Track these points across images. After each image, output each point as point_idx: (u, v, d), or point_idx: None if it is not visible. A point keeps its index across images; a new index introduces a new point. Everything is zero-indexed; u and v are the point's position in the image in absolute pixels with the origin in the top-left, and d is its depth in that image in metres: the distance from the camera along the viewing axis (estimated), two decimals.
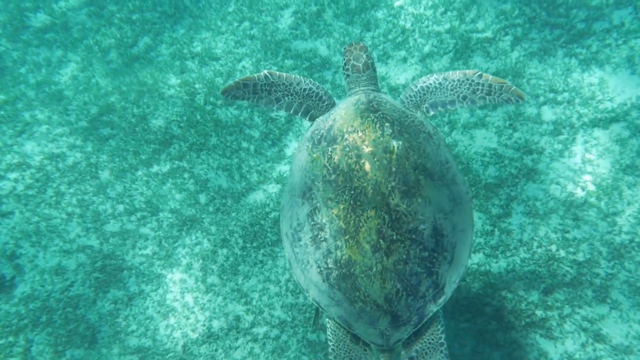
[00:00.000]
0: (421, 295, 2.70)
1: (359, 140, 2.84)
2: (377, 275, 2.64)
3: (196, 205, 5.64)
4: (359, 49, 3.47)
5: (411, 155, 2.82)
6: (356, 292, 2.68)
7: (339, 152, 2.84)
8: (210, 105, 6.26)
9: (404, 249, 2.66)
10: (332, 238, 2.73)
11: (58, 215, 5.51)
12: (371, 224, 2.66)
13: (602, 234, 4.68)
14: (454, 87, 3.38)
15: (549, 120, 5.47)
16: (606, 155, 5.11)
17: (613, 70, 5.55)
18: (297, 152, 3.23)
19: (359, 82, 3.44)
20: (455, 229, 2.82)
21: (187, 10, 7.12)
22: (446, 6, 6.51)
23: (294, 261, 2.96)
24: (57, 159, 5.86)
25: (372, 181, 2.72)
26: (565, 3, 6.05)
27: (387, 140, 2.83)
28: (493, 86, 3.33)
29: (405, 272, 2.65)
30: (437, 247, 2.73)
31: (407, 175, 2.76)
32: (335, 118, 3.05)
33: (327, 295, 2.78)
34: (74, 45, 6.82)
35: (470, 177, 5.34)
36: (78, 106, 6.29)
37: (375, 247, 2.65)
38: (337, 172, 2.80)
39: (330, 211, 2.75)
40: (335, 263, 2.72)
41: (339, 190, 2.76)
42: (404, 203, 2.70)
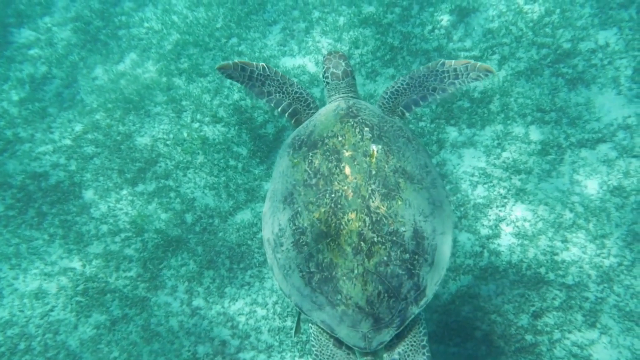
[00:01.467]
0: (403, 297, 2.71)
1: (339, 144, 2.88)
2: (359, 278, 2.65)
3: (182, 225, 5.54)
4: (338, 57, 3.53)
5: (390, 159, 2.86)
6: (338, 295, 2.69)
7: (319, 156, 2.88)
8: (198, 123, 6.19)
9: (385, 251, 2.68)
10: (314, 242, 2.75)
11: (39, 236, 5.37)
12: (352, 226, 2.68)
13: (591, 257, 4.67)
14: (422, 82, 3.44)
15: (536, 140, 5.48)
16: (594, 176, 5.12)
17: (599, 90, 5.58)
18: (278, 158, 3.25)
19: (339, 89, 3.49)
20: (435, 232, 2.84)
21: (175, 26, 7.06)
22: (434, 24, 6.53)
23: (275, 267, 2.96)
24: (39, 178, 5.73)
25: (352, 184, 2.76)
26: (552, 23, 6.09)
27: (366, 144, 2.87)
28: (458, 69, 3.38)
29: (386, 274, 2.67)
30: (418, 249, 2.74)
31: (387, 178, 2.80)
32: (316, 124, 3.09)
33: (310, 300, 2.79)
34: (58, 62, 6.71)
35: (459, 197, 5.32)
36: (62, 123, 6.18)
37: (357, 250, 2.67)
38: (317, 176, 2.83)
39: (311, 215, 2.77)
40: (317, 266, 2.74)
41: (320, 194, 2.79)
42: (384, 205, 2.73)
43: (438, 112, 5.86)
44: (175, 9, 7.25)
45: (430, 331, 4.68)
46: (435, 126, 5.80)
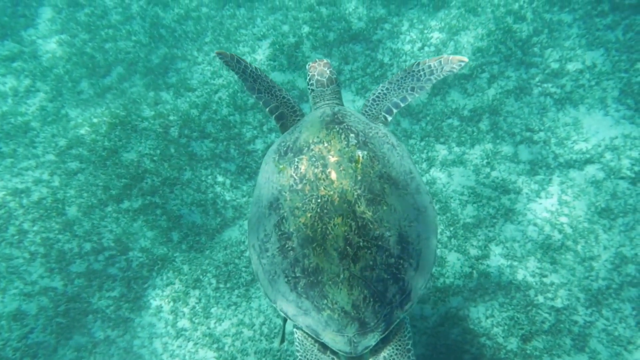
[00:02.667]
0: (388, 301, 2.72)
1: (325, 150, 2.90)
2: (345, 282, 2.67)
3: (168, 243, 5.44)
4: (323, 65, 3.56)
5: (376, 165, 2.88)
6: (324, 300, 2.70)
7: (305, 162, 2.89)
8: (185, 139, 6.10)
9: (371, 256, 2.69)
10: (300, 247, 2.76)
11: (20, 255, 5.23)
12: (338, 231, 2.70)
13: (580, 279, 4.66)
14: (400, 85, 3.56)
15: (525, 159, 5.49)
16: (582, 197, 5.13)
17: (587, 110, 5.62)
18: (263, 164, 3.25)
19: (324, 97, 3.52)
20: (420, 237, 2.87)
21: (163, 39, 6.98)
22: (424, 42, 6.55)
23: (261, 273, 2.96)
24: (21, 194, 5.59)
25: (338, 189, 2.77)
26: (540, 42, 6.13)
27: (352, 150, 2.89)
28: (433, 66, 3.48)
29: (372, 279, 2.68)
30: (403, 254, 2.77)
31: (372, 183, 2.82)
32: (301, 130, 3.10)
33: (295, 305, 2.79)
34: (43, 75, 6.58)
35: (449, 217, 5.29)
36: (45, 138, 6.05)
37: (343, 254, 2.68)
38: (303, 182, 2.84)
39: (297, 220, 2.78)
40: (302, 271, 2.75)
41: (306, 199, 2.80)
42: (369, 210, 2.75)
43: (428, 130, 5.85)
44: (163, 22, 7.18)
45: (419, 354, 4.63)
46: (425, 144, 5.79)
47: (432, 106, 6.03)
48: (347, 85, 6.41)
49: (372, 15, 6.94)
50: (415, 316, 4.84)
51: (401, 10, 6.91)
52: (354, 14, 7.07)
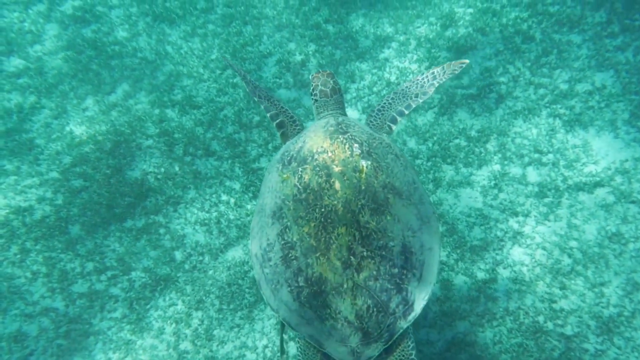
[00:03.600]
0: (391, 311, 2.72)
1: (329, 160, 2.91)
2: (348, 292, 2.67)
3: (171, 263, 5.37)
4: (326, 76, 3.63)
5: (380, 175, 2.89)
6: (327, 310, 2.69)
7: (309, 171, 2.90)
8: (190, 156, 6.06)
9: (375, 265, 2.70)
10: (303, 256, 2.75)
11: (22, 274, 5.17)
12: (342, 240, 2.70)
13: (590, 306, 4.56)
14: (405, 94, 3.68)
15: (534, 181, 5.41)
16: (592, 220, 5.04)
17: (597, 132, 5.55)
18: (266, 173, 3.26)
19: (327, 107, 3.57)
20: (423, 247, 2.88)
21: (169, 56, 6.98)
22: (431, 61, 6.51)
23: (263, 282, 2.95)
24: (24, 212, 5.55)
25: (342, 199, 2.78)
26: (549, 63, 6.08)
27: (356, 160, 2.90)
28: (436, 72, 3.67)
29: (375, 289, 2.68)
30: (407, 264, 2.78)
31: (376, 193, 2.83)
32: (305, 140, 3.11)
33: (298, 314, 2.78)
34: (48, 91, 6.58)
35: (456, 239, 5.21)
36: (50, 156, 6.02)
37: (346, 264, 2.68)
38: (307, 191, 2.84)
39: (301, 229, 2.78)
40: (306, 281, 2.73)
41: (310, 208, 2.80)
42: (373, 220, 2.76)
43: (434, 150, 5.79)
44: (170, 39, 7.19)
45: None
46: (432, 164, 5.73)
47: (439, 126, 5.97)
48: (353, 104, 6.37)
49: (379, 33, 6.92)
50: (421, 341, 4.75)
51: (408, 29, 6.89)
52: (361, 32, 7.06)
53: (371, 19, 7.14)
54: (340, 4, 7.35)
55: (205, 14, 7.41)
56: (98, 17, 7.32)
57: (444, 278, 5.00)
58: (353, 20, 7.24)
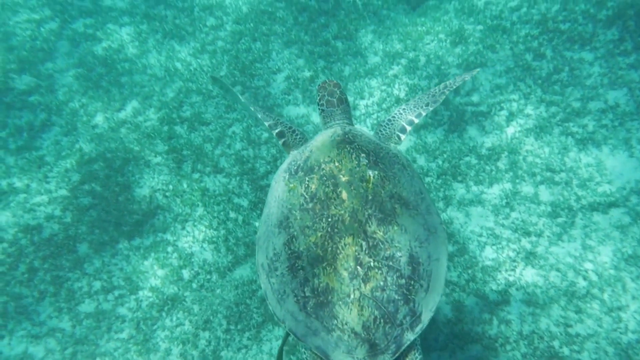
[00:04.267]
0: (399, 323, 2.68)
1: (336, 169, 2.92)
2: (355, 303, 2.63)
3: (179, 282, 5.33)
4: (333, 86, 3.65)
5: (387, 185, 2.90)
6: (334, 321, 2.66)
7: (316, 181, 2.90)
8: (198, 173, 6.05)
9: (382, 276, 2.67)
10: (310, 266, 2.73)
11: (29, 293, 5.15)
12: (349, 250, 2.68)
13: (608, 331, 4.44)
14: (416, 104, 3.73)
15: (546, 201, 5.32)
16: (607, 242, 4.93)
17: (610, 151, 5.46)
18: (273, 183, 3.25)
19: (334, 116, 3.60)
20: (430, 258, 2.85)
21: (178, 73, 7.00)
22: (440, 77, 6.47)
23: (269, 292, 2.93)
24: (32, 231, 5.54)
25: (349, 209, 2.77)
26: (560, 81, 6.02)
27: (363, 170, 2.91)
28: (448, 84, 3.81)
29: (382, 300, 2.65)
30: (414, 275, 2.75)
31: (383, 203, 2.83)
32: (312, 149, 3.12)
33: (304, 325, 2.74)
34: (58, 109, 6.61)
35: (467, 258, 5.12)
36: (59, 173, 6.03)
37: (353, 274, 2.65)
38: (314, 201, 2.84)
39: (307, 239, 2.77)
40: (312, 291, 2.71)
41: (316, 218, 2.80)
42: (380, 230, 2.75)
43: (444, 168, 5.73)
44: (179, 55, 7.22)
45: None
46: (442, 182, 5.66)
47: (449, 143, 5.92)
48: (362, 120, 6.34)
49: (388, 49, 6.91)
50: None
51: (417, 46, 6.87)
52: (370, 48, 7.05)
53: (380, 35, 7.14)
54: (349, 21, 7.36)
55: (215, 30, 7.45)
56: (109, 35, 7.38)
57: (455, 299, 4.90)
58: (362, 36, 7.23)
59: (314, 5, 7.57)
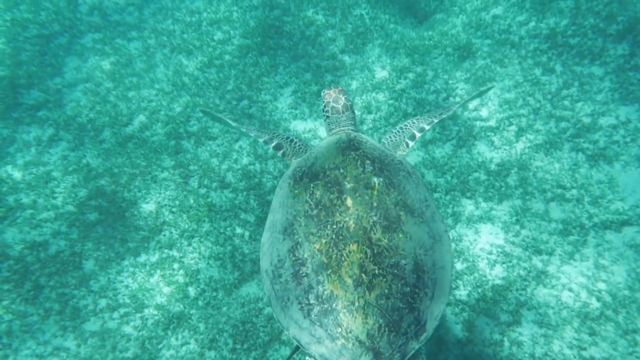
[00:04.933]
0: (403, 331, 2.65)
1: (341, 176, 2.92)
2: (360, 311, 2.60)
3: (184, 300, 5.27)
4: (338, 92, 3.65)
5: (391, 192, 2.90)
6: (338, 329, 2.62)
7: (321, 187, 2.90)
8: (205, 189, 6.01)
9: (386, 284, 2.65)
10: (314, 273, 2.72)
11: (34, 311, 5.11)
12: (353, 257, 2.67)
13: (623, 355, 4.33)
14: (430, 115, 3.74)
15: (557, 218, 5.23)
16: (620, 261, 4.84)
17: (622, 168, 5.37)
18: (278, 189, 3.23)
19: (339, 123, 3.59)
20: (435, 266, 2.83)
21: (185, 87, 7.00)
22: (449, 92, 6.42)
23: (273, 299, 2.91)
24: (39, 247, 5.52)
25: (354, 216, 2.76)
26: (571, 96, 5.95)
27: (368, 177, 2.91)
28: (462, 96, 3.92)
29: (387, 308, 2.63)
30: (419, 283, 2.73)
31: (388, 210, 2.82)
32: (317, 156, 3.13)
33: (308, 333, 2.71)
34: (66, 124, 6.62)
35: (477, 277, 5.03)
36: (66, 188, 6.02)
37: (358, 282, 2.63)
38: (319, 207, 2.84)
39: (312, 246, 2.76)
40: (316, 298, 2.69)
41: (321, 225, 2.79)
42: (385, 238, 2.73)
43: (453, 183, 5.66)
44: (187, 70, 7.22)
45: None
46: (451, 198, 5.59)
47: (457, 158, 5.85)
48: (369, 135, 6.29)
49: (396, 64, 6.87)
50: None
51: (425, 60, 6.83)
52: (377, 62, 7.02)
53: (387, 49, 7.11)
54: (357, 34, 7.34)
55: (222, 44, 7.46)
56: (117, 49, 7.41)
57: (465, 319, 4.82)
58: (369, 50, 7.21)
59: (321, 19, 7.57)
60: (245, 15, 7.74)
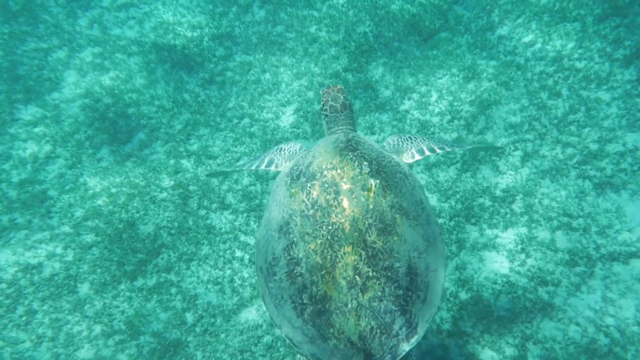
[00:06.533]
0: (395, 334, 2.68)
1: (338, 177, 2.93)
2: (352, 312, 2.64)
3: (182, 327, 5.14)
4: (337, 91, 3.63)
5: (388, 194, 2.91)
6: (330, 329, 2.66)
7: (317, 188, 2.92)
8: (204, 210, 5.89)
9: (380, 286, 2.68)
10: (308, 273, 2.74)
11: (27, 338, 4.97)
12: (348, 259, 2.69)
13: None
14: (444, 142, 3.77)
15: (564, 248, 5.13)
16: (628, 295, 4.73)
17: (630, 197, 5.28)
18: (275, 187, 3.25)
19: (337, 122, 3.58)
20: (428, 269, 2.86)
21: (186, 104, 6.90)
22: (453, 114, 6.34)
23: (267, 296, 2.94)
24: (32, 270, 5.38)
25: (349, 217, 2.78)
26: (577, 121, 5.87)
27: (365, 179, 2.92)
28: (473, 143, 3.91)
29: (380, 310, 2.66)
30: (411, 286, 2.76)
31: (384, 213, 2.84)
32: (315, 155, 3.13)
33: (301, 332, 2.75)
34: (64, 140, 6.49)
35: (481, 307, 4.92)
36: (62, 208, 5.88)
37: (351, 284, 2.67)
38: (315, 208, 2.86)
39: (307, 246, 2.78)
40: (310, 299, 2.73)
41: (317, 225, 2.81)
42: (380, 240, 2.76)
43: (457, 209, 5.56)
44: (187, 87, 7.11)
45: None
46: (455, 224, 5.49)
47: (462, 183, 5.75)
48: None
49: (400, 83, 6.79)
50: None
51: (430, 80, 6.75)
52: (381, 81, 6.94)
53: (391, 69, 7.02)
54: (360, 53, 7.26)
55: (224, 61, 7.36)
56: (117, 64, 7.30)
57: (469, 351, 4.70)
58: (373, 69, 7.13)
59: (325, 36, 7.48)
60: (248, 31, 7.65)
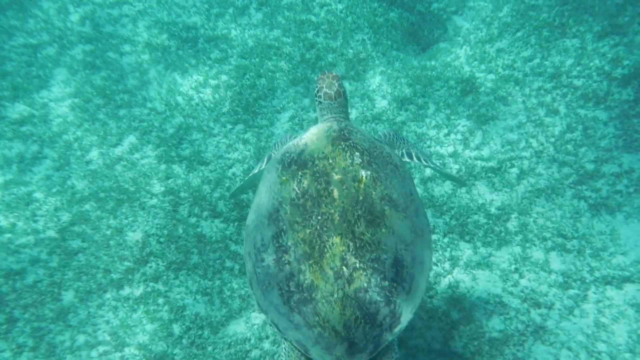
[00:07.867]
0: (378, 323, 2.75)
1: (329, 167, 2.95)
2: (338, 302, 2.70)
3: (168, 338, 5.02)
4: (332, 78, 3.61)
5: (378, 186, 2.94)
6: (316, 317, 2.72)
7: (308, 177, 2.93)
8: (195, 218, 5.77)
9: (366, 277, 2.73)
10: (296, 262, 2.79)
11: (6, 347, 4.81)
12: (336, 250, 2.74)
13: None
14: (429, 157, 3.77)
15: (557, 269, 5.11)
16: (621, 320, 4.72)
17: (625, 219, 5.27)
18: (266, 172, 3.25)
19: (331, 109, 3.57)
20: (414, 260, 2.92)
21: (179, 107, 6.75)
22: (450, 128, 6.28)
23: (254, 281, 2.98)
24: (15, 276, 5.22)
25: (339, 208, 2.82)
26: (574, 140, 5.84)
27: (356, 169, 2.95)
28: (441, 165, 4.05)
29: (365, 300, 2.72)
30: (397, 277, 2.81)
31: (374, 205, 2.87)
32: (307, 143, 3.13)
33: (287, 319, 2.82)
34: (51, 141, 6.31)
35: (473, 328, 4.87)
36: (48, 211, 5.72)
37: (338, 274, 2.72)
38: (305, 197, 2.89)
39: (296, 234, 2.83)
40: (297, 287, 2.78)
41: (306, 214, 2.84)
42: (368, 232, 2.80)
43: (452, 225, 5.51)
44: (181, 89, 6.97)
45: None
46: (449, 241, 5.44)
47: (457, 198, 5.70)
48: None
49: (397, 94, 6.71)
50: None
51: (427, 91, 6.68)
52: (378, 91, 6.86)
53: (389, 78, 6.95)
54: (357, 61, 7.17)
55: (219, 64, 7.22)
56: (109, 64, 7.12)
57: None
58: (370, 77, 7.05)
59: (322, 42, 7.37)
60: (244, 34, 7.52)
